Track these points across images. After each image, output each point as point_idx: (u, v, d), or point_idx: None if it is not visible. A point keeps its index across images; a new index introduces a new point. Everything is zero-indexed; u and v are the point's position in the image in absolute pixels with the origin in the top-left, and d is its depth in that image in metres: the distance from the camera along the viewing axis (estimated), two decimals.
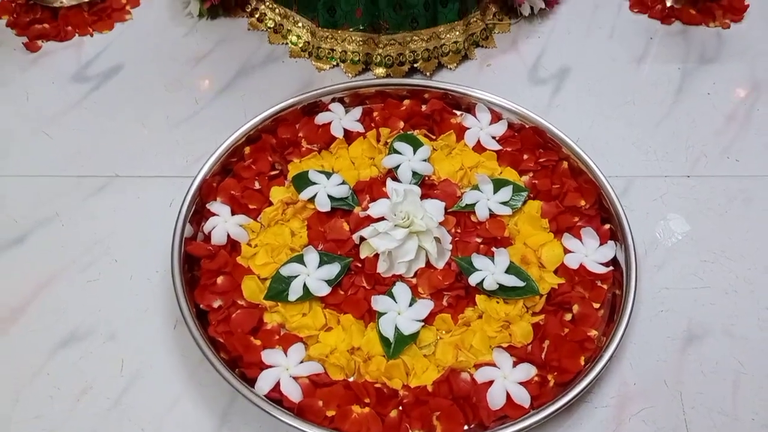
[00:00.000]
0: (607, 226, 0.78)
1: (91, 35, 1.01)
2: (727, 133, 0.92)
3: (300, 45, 1.00)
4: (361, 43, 0.96)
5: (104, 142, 0.88)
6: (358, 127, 0.88)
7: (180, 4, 1.04)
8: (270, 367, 0.67)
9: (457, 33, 0.98)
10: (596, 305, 0.73)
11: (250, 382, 0.65)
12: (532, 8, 1.03)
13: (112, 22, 1.03)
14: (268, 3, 1.03)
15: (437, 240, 0.75)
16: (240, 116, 0.89)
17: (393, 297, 0.72)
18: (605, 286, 0.74)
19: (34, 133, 0.88)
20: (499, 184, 0.82)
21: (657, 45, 1.03)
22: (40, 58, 0.98)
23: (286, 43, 1.01)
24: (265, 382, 0.65)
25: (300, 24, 1.00)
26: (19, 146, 0.87)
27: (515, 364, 0.68)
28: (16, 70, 0.96)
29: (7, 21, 1.02)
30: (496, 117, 0.89)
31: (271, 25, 1.02)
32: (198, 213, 0.78)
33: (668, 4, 1.08)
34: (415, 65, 0.97)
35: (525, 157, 0.86)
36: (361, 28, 0.95)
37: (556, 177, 0.83)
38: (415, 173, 0.83)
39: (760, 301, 0.75)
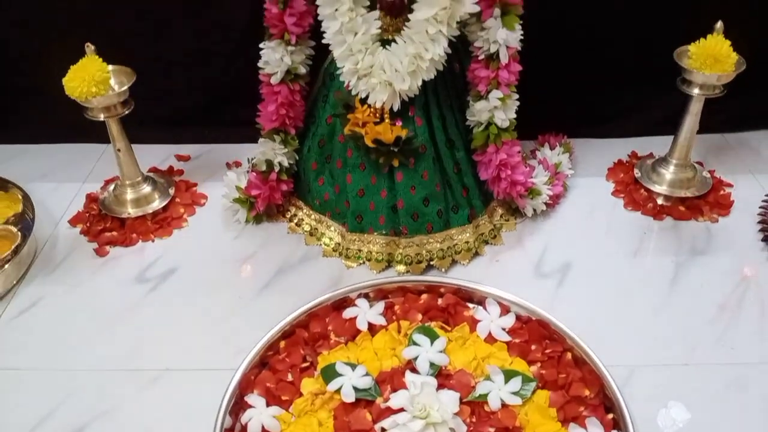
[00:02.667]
0: (611, 416, 0.85)
1: (153, 241, 1.17)
2: (720, 322, 0.99)
3: (332, 246, 1.14)
4: (384, 244, 1.10)
5: (158, 338, 1.00)
6: (381, 321, 0.99)
7: (230, 212, 1.21)
8: None
9: (468, 234, 1.12)
10: None
11: None
12: (534, 209, 1.17)
13: (171, 229, 1.19)
14: (305, 210, 1.19)
15: (452, 431, 0.82)
16: (278, 311, 1.00)
17: None
18: None
19: (99, 331, 1.01)
20: (509, 375, 0.90)
21: (651, 240, 1.15)
22: (108, 262, 1.14)
23: (320, 245, 1.15)
24: None
25: (332, 228, 1.15)
26: (87, 343, 0.99)
27: None
28: (87, 273, 1.11)
29: (81, 229, 1.20)
30: (504, 310, 0.99)
31: (308, 229, 1.18)
32: (237, 404, 0.88)
33: (659, 202, 1.21)
34: (432, 263, 1.09)
35: (533, 347, 0.94)
36: (384, 232, 1.10)
37: (562, 367, 0.91)
38: (432, 364, 0.92)
39: None
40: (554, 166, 1.22)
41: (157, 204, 1.21)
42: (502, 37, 1.00)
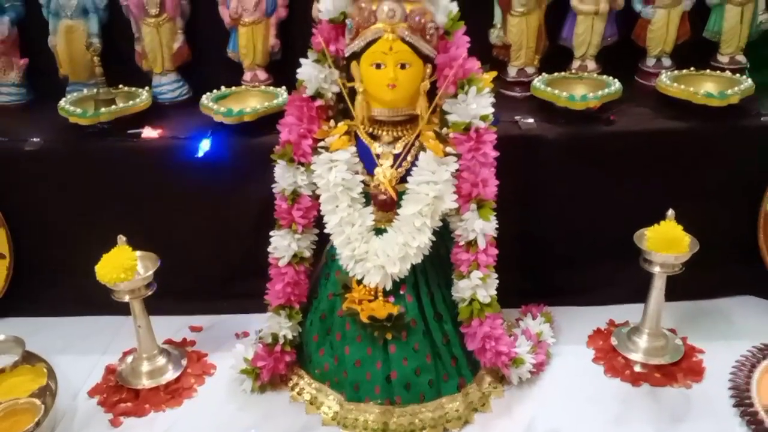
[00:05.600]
0: None
1: (164, 411, 1.25)
2: None
3: (330, 415, 1.22)
4: (379, 414, 1.18)
5: None
6: None
7: (237, 382, 1.30)
8: None
9: (458, 402, 1.20)
10: None
11: None
12: (520, 377, 1.26)
13: (181, 399, 1.28)
14: (306, 379, 1.28)
15: None
16: None
17: None
18: None
19: None
20: None
21: (631, 407, 1.22)
22: None
23: (320, 413, 1.23)
24: None
25: (331, 397, 1.24)
26: None
27: None
28: None
29: (98, 400, 1.28)
30: None
31: (308, 398, 1.26)
32: None
33: (636, 369, 1.29)
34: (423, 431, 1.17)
35: None
36: (379, 402, 1.18)
37: None
38: None
39: None
40: (536, 336, 1.32)
41: (170, 375, 1.31)
42: (479, 226, 1.15)
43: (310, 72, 1.15)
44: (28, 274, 1.52)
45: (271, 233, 1.24)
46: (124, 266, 1.17)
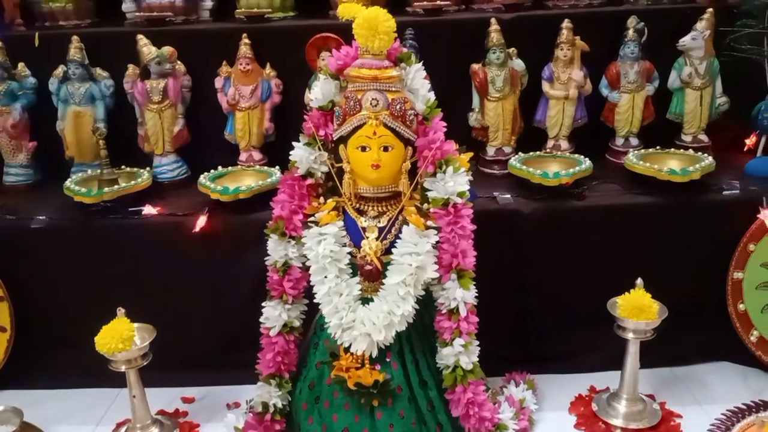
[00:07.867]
0: None
1: None
2: None
3: None
4: None
5: None
6: None
7: None
8: None
9: None
10: None
11: None
12: None
13: None
14: None
15: None
16: None
17: None
18: None
19: None
20: None
21: None
22: None
23: None
24: None
25: None
26: None
27: None
28: None
29: None
30: None
31: None
32: None
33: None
34: None
35: None
36: None
37: None
38: None
39: None
40: (519, 402, 1.36)
41: None
42: (460, 295, 1.22)
43: (301, 154, 1.25)
44: (29, 347, 1.56)
45: (264, 303, 1.30)
46: (122, 337, 1.23)
